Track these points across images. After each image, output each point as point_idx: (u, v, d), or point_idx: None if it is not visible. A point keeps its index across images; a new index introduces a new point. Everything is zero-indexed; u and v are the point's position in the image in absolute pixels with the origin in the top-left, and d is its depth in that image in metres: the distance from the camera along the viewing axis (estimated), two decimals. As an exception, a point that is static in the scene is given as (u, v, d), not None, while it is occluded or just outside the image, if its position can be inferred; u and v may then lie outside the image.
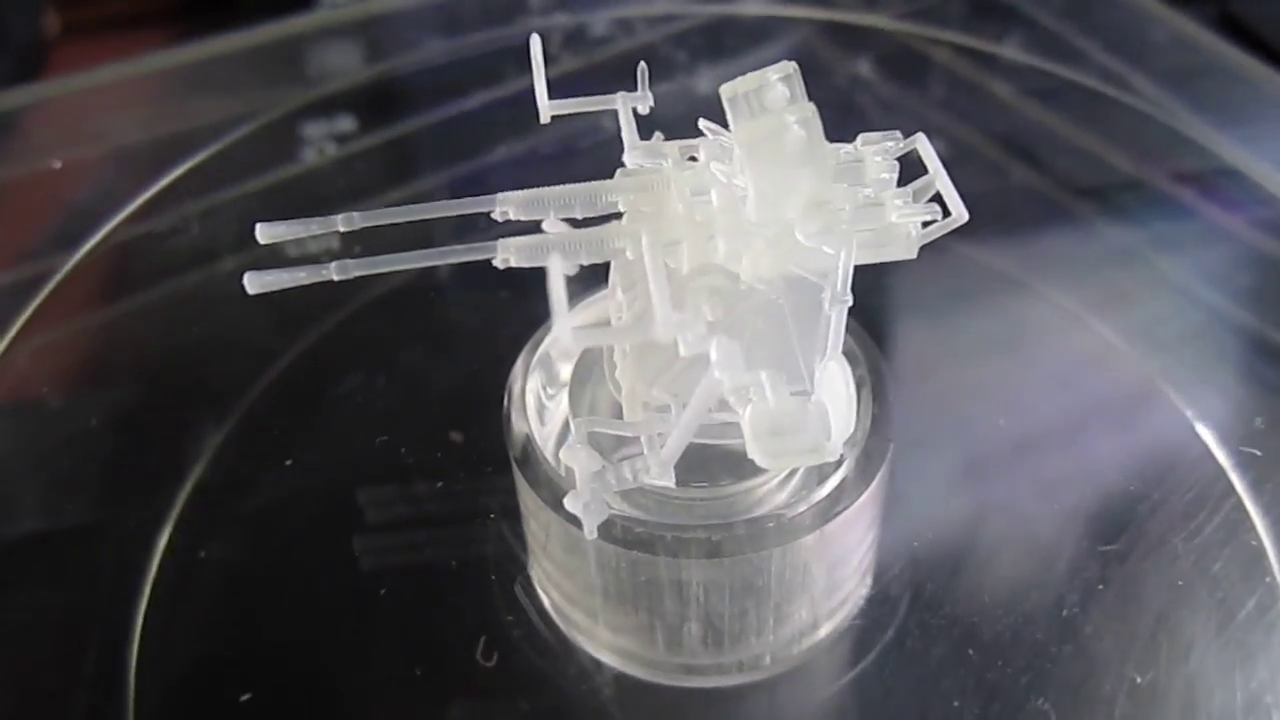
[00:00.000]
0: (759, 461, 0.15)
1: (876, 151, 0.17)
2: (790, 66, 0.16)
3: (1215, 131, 0.30)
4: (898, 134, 0.17)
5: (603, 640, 0.20)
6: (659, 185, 0.17)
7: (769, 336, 0.17)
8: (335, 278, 0.16)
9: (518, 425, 0.19)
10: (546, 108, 0.18)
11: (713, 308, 0.16)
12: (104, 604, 0.21)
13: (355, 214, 0.17)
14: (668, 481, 0.16)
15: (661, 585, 0.18)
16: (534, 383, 0.19)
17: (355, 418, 0.24)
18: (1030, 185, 0.31)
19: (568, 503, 0.16)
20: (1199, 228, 0.29)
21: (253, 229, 0.17)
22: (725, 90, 0.16)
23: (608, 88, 0.19)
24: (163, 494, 0.22)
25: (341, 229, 0.17)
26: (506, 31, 0.33)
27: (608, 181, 0.17)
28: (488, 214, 0.17)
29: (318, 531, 0.22)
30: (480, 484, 0.22)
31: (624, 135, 0.18)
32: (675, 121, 0.18)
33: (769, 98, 0.16)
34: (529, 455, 0.19)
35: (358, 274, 0.16)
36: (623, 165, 0.17)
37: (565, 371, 0.20)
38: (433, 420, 0.24)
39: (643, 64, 0.18)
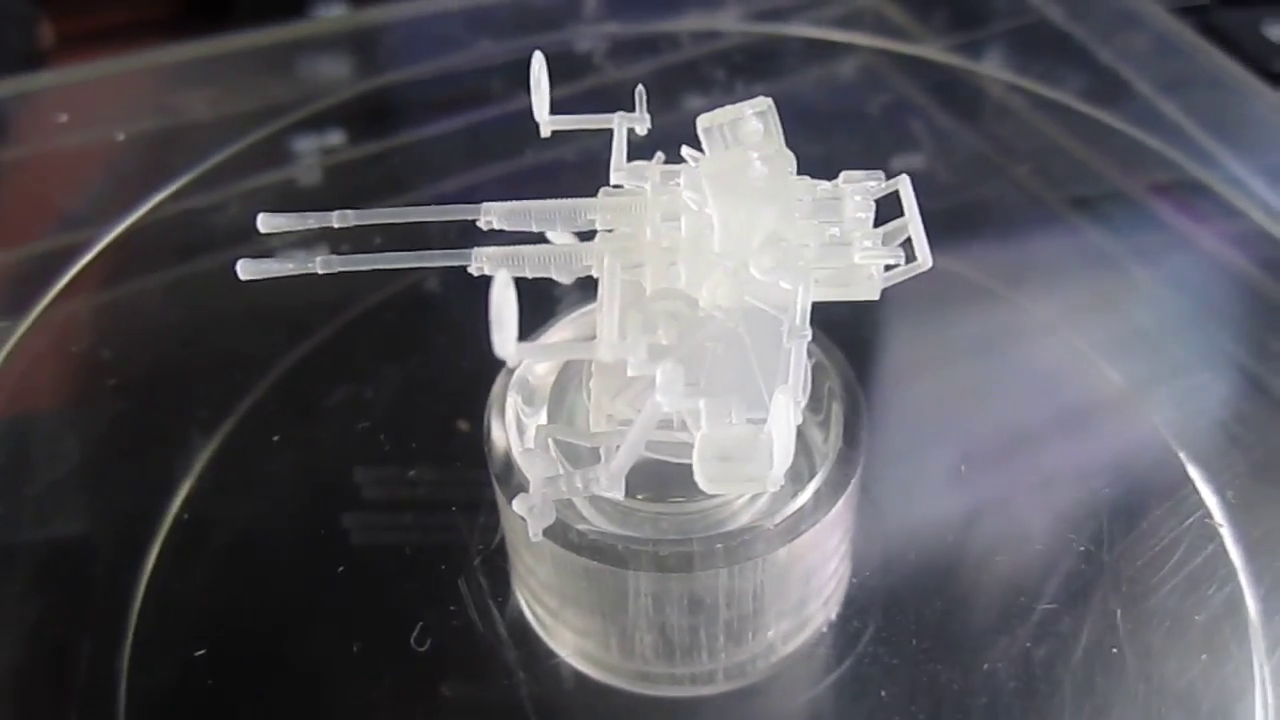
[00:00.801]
0: (700, 484, 0.16)
1: (856, 190, 0.17)
2: (766, 103, 0.16)
3: (1196, 143, 0.30)
4: (880, 174, 0.18)
5: (565, 641, 0.21)
6: (636, 208, 0.17)
7: (730, 363, 0.17)
8: (320, 271, 0.17)
9: (498, 439, 0.19)
10: (547, 123, 0.19)
11: (668, 331, 0.16)
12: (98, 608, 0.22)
13: (350, 211, 0.18)
14: (616, 494, 0.17)
15: (612, 593, 0.19)
16: (514, 398, 0.20)
17: (347, 419, 0.25)
18: (1009, 195, 0.31)
19: (516, 505, 0.17)
20: (1177, 239, 0.29)
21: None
22: (702, 121, 0.17)
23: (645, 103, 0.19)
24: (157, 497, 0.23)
25: (336, 225, 0.18)
26: (557, 37, 0.34)
27: (589, 200, 0.18)
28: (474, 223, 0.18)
29: (306, 515, 0.23)
30: (452, 476, 0.23)
31: (614, 154, 0.18)
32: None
33: (743, 131, 0.16)
34: (508, 468, 0.19)
35: (340, 269, 0.17)
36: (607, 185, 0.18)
37: (545, 388, 0.20)
38: (421, 418, 0.25)
39: (641, 87, 0.19)
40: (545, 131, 0.19)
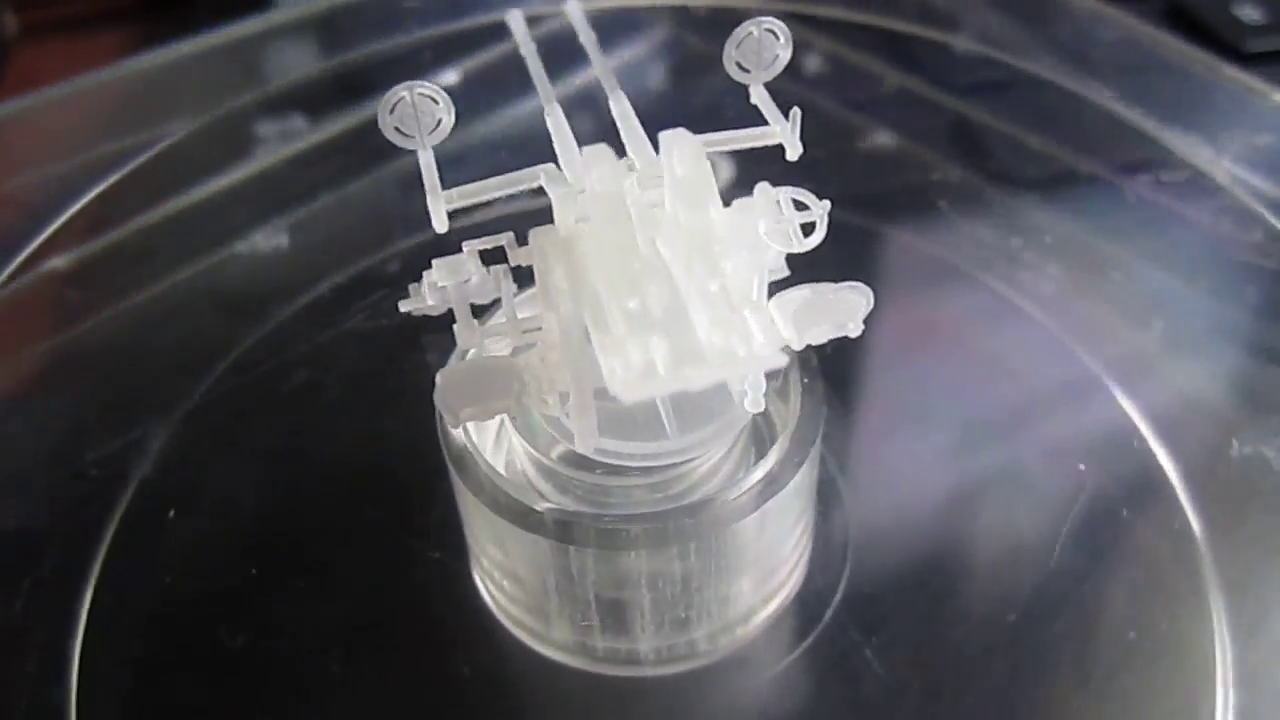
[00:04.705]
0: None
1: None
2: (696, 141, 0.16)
3: (1161, 123, 0.30)
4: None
5: (491, 589, 0.21)
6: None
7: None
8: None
9: (456, 433, 0.19)
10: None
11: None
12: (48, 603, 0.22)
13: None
14: (466, 343, 0.17)
15: (527, 552, 0.19)
16: None
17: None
18: (973, 176, 0.30)
19: (410, 290, 0.17)
20: (1145, 218, 0.29)
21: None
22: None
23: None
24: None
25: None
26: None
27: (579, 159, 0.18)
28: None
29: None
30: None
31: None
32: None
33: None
34: (463, 458, 0.19)
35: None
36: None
37: None
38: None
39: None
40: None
